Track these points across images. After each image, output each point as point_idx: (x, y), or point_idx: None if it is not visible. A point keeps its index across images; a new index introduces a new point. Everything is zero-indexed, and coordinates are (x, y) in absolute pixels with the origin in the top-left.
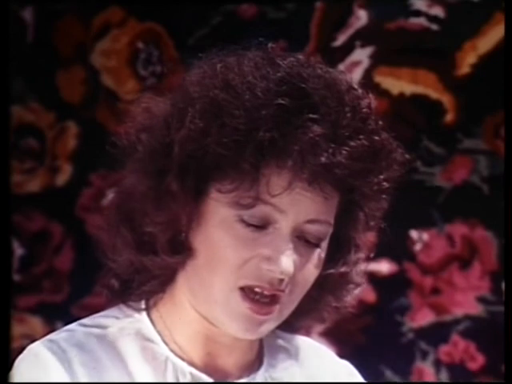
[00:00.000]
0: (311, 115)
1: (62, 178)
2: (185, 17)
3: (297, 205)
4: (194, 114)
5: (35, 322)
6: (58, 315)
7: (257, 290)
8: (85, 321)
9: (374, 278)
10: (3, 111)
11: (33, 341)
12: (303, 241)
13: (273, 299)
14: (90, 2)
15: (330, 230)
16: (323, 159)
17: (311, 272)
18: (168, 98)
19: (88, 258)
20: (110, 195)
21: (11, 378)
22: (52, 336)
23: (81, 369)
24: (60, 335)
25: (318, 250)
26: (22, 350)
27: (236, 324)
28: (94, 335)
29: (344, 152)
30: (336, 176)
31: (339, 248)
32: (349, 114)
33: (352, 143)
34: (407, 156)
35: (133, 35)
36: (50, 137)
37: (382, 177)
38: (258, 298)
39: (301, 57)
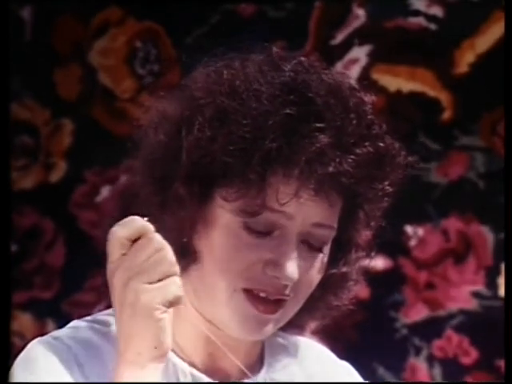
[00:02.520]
0: (317, 124)
1: (56, 174)
2: (183, 16)
3: (302, 211)
4: (202, 122)
5: (25, 319)
6: (48, 312)
7: (261, 294)
8: (87, 318)
9: (368, 274)
10: (3, 110)
11: (23, 338)
12: (307, 245)
13: (277, 303)
14: (88, 1)
15: (334, 234)
16: (330, 169)
17: (314, 276)
18: (176, 101)
19: (80, 254)
20: (104, 192)
21: (12, 376)
22: (55, 333)
23: (87, 364)
24: (63, 332)
25: (321, 255)
26: (13, 347)
27: (241, 325)
28: (98, 332)
29: (350, 160)
30: (342, 184)
31: (340, 248)
32: (354, 121)
33: (358, 151)
34: (410, 159)
35: (131, 34)
36: (45, 134)
37: (386, 182)
38: (263, 299)
39: (304, 59)
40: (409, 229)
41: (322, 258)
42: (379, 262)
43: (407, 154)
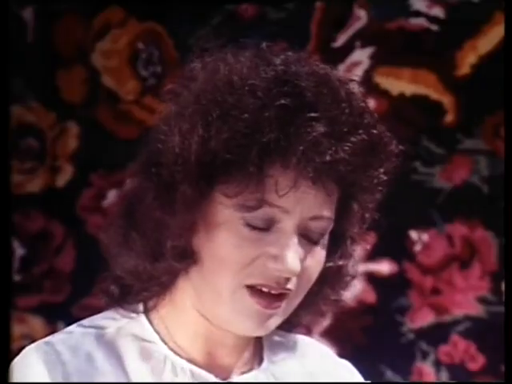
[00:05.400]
0: (312, 114)
1: (63, 178)
2: (185, 17)
3: (301, 203)
4: (207, 120)
5: (36, 323)
6: (58, 315)
7: (264, 289)
8: (83, 322)
9: (374, 278)
10: (3, 111)
11: (33, 341)
12: (306, 237)
13: (279, 297)
14: (90, 2)
15: (331, 225)
16: (327, 157)
17: (315, 268)
18: (181, 100)
19: (89, 258)
20: (111, 195)
21: (10, 378)
22: (49, 338)
23: (75, 372)
24: (57, 337)
25: (319, 246)
26: (22, 350)
27: (244, 321)
28: (92, 336)
29: (346, 148)
30: (339, 172)
31: (336, 241)
32: (346, 110)
33: (352, 138)
34: (401, 147)
35: (133, 35)
36: (51, 137)
37: (381, 170)
38: (266, 294)
39: (292, 53)
40: (413, 234)
41: (321, 249)
42: (385, 267)
43: (406, 152)
